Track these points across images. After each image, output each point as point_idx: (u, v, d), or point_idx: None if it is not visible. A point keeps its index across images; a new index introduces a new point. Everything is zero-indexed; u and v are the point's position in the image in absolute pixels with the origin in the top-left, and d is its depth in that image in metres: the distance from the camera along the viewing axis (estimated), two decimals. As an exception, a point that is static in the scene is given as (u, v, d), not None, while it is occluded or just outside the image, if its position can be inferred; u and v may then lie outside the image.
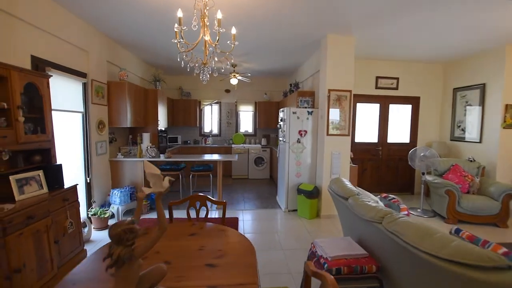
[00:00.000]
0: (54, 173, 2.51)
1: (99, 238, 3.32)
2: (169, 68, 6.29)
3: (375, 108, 5.35)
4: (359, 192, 2.23)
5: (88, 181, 3.65)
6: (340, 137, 4.02)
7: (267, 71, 6.46)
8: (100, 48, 3.87)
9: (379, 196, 2.73)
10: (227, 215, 4.22)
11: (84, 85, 3.57)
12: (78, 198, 2.73)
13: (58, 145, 3.18)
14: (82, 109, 3.55)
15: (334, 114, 3.97)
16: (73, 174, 3.50)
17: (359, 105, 5.27)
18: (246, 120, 7.76)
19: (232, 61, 2.31)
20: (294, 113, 4.22)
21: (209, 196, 2.03)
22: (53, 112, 3.03)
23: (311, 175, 4.36)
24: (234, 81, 5.87)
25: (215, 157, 4.58)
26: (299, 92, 4.84)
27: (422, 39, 3.91)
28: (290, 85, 6.05)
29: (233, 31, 2.38)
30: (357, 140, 5.35)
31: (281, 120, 4.57)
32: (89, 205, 3.69)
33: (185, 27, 2.14)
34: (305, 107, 4.43)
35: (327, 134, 3.99)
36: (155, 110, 5.09)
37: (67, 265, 2.48)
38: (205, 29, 2.29)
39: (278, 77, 7.27)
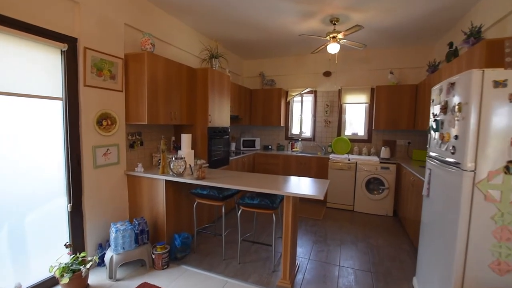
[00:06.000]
0: None
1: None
2: (245, 47, 4.55)
3: None
4: None
5: (70, 209, 2.29)
6: None
7: (399, 27, 3.57)
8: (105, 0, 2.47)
9: None
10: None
11: (66, 55, 2.22)
12: None
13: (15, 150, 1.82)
14: (60, 95, 2.21)
15: None
16: (48, 198, 2.20)
17: None
18: (355, 118, 5.05)
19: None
20: (497, 83, 1.45)
21: None
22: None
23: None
24: (333, 48, 3.44)
25: (279, 187, 2.38)
26: (490, 41, 1.90)
27: None
28: (450, 44, 3.03)
29: None
30: None
31: (442, 109, 1.84)
32: (80, 249, 2.33)
33: None
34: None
35: None
36: (205, 99, 3.40)
37: None
38: None
39: (415, 42, 4.16)
